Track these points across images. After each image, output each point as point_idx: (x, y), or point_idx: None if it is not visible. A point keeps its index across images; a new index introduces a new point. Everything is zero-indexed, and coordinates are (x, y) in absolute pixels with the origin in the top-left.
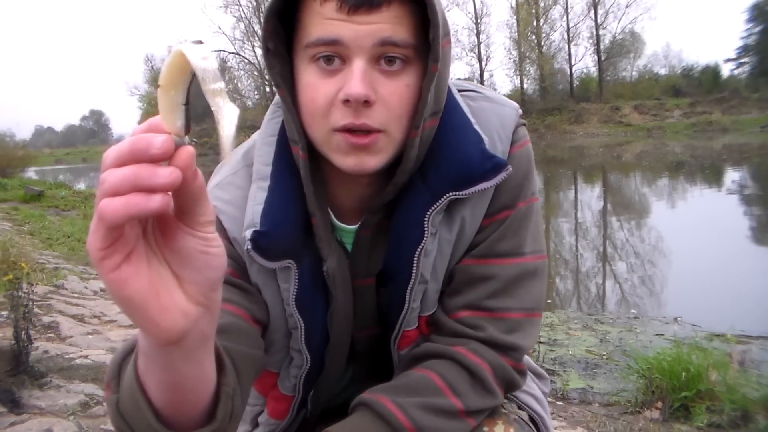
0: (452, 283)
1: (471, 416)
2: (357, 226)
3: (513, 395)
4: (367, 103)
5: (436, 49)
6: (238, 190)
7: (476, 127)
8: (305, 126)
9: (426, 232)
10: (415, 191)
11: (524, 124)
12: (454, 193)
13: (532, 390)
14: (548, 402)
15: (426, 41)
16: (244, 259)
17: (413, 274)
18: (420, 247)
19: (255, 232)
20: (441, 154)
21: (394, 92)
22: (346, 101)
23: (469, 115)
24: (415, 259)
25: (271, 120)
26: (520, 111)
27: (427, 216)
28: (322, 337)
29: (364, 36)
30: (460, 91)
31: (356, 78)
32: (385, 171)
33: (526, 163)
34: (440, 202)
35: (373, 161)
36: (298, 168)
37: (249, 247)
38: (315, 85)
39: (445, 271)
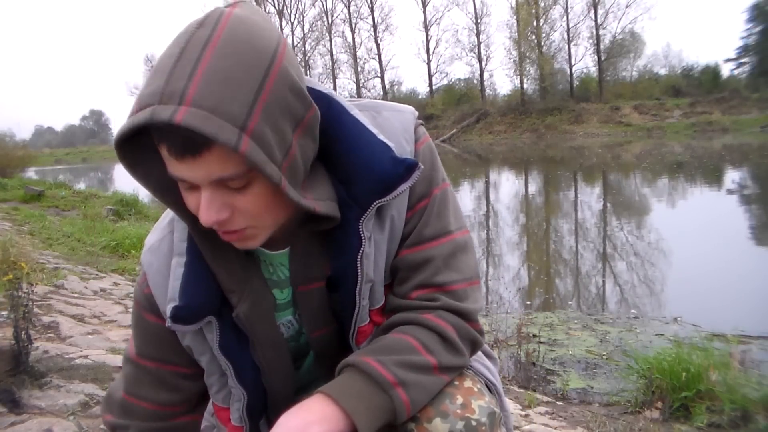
0: (398, 274)
1: (444, 372)
2: (287, 250)
3: (469, 366)
4: (222, 220)
5: (269, 174)
6: (164, 257)
7: (381, 137)
8: None
9: (363, 238)
10: (347, 206)
11: (422, 124)
12: (379, 200)
13: (485, 362)
14: (546, 401)
15: None
16: (174, 330)
17: (359, 277)
18: (360, 251)
19: (174, 307)
20: (359, 171)
21: (247, 203)
22: None
23: (373, 128)
24: (359, 262)
25: None
26: (417, 113)
27: (360, 224)
28: (254, 372)
29: (200, 177)
30: (363, 107)
31: (204, 208)
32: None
33: (430, 156)
34: (369, 210)
35: (253, 243)
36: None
37: (169, 323)
38: (186, 197)
39: (385, 264)
